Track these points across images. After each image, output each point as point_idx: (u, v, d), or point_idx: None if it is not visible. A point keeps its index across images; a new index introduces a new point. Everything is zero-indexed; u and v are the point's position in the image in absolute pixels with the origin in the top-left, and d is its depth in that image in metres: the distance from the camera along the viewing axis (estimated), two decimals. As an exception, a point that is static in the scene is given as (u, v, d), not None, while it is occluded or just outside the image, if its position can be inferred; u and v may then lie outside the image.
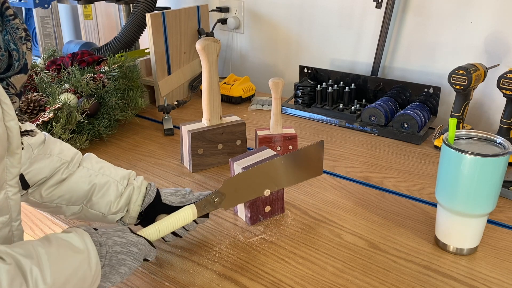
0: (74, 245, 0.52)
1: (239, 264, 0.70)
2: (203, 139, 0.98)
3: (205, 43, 0.93)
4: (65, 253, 0.51)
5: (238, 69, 1.71)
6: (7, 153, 0.51)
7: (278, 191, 0.81)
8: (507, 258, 0.72)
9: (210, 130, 0.98)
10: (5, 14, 0.53)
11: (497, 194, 0.68)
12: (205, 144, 0.99)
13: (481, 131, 0.71)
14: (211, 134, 0.98)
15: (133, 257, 0.59)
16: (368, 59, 1.38)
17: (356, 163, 1.04)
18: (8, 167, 0.52)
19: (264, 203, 0.80)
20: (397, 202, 0.88)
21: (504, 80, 0.98)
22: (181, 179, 0.97)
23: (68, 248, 0.51)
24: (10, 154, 0.52)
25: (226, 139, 1.01)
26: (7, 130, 0.50)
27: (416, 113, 1.14)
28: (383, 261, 0.71)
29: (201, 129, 0.98)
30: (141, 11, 1.38)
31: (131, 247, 0.59)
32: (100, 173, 0.71)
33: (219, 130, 0.99)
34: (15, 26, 0.53)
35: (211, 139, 0.99)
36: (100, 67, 1.20)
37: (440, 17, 1.23)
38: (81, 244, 0.53)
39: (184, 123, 1.01)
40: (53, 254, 0.49)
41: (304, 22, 1.49)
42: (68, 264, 0.50)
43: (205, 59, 0.94)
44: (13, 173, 0.53)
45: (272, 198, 0.81)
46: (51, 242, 0.51)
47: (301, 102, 1.35)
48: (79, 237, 0.53)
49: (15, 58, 0.52)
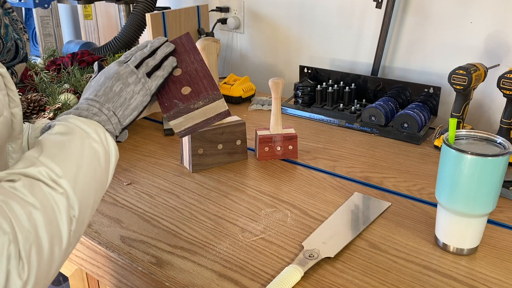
0: (62, 132, 0.52)
1: (239, 264, 0.70)
2: (203, 139, 0.98)
3: (205, 43, 0.93)
4: (60, 143, 0.50)
5: (238, 69, 1.71)
6: (9, 139, 0.53)
7: (198, 66, 0.68)
8: (507, 258, 0.72)
9: (210, 130, 0.98)
10: (4, 7, 0.55)
11: (497, 194, 0.68)
12: (205, 144, 0.98)
13: (481, 131, 0.71)
14: (211, 134, 0.98)
15: (124, 76, 0.59)
16: (368, 59, 1.38)
17: (356, 163, 1.04)
18: (10, 152, 0.54)
19: (179, 84, 0.67)
20: (397, 202, 0.88)
21: (504, 80, 0.98)
22: (181, 179, 0.97)
23: (59, 138, 0.51)
24: (13, 139, 0.54)
25: (226, 139, 1.01)
26: (12, 116, 0.52)
27: (416, 113, 1.14)
28: (383, 261, 0.71)
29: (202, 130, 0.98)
30: (141, 11, 1.38)
31: (112, 73, 0.59)
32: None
33: (219, 130, 0.99)
34: (14, 18, 0.56)
35: (211, 139, 0.99)
36: (100, 67, 1.20)
37: (440, 17, 1.23)
38: (65, 127, 0.52)
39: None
40: (50, 151, 0.49)
41: (304, 22, 1.49)
42: (68, 149, 0.50)
43: (205, 59, 0.94)
44: (15, 158, 0.55)
45: (190, 77, 0.67)
46: (43, 144, 0.50)
47: (301, 102, 1.35)
48: (62, 121, 0.53)
49: (20, 47, 0.54)
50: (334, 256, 0.71)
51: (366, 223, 0.79)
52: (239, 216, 0.83)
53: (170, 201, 0.88)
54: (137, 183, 0.95)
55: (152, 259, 0.72)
